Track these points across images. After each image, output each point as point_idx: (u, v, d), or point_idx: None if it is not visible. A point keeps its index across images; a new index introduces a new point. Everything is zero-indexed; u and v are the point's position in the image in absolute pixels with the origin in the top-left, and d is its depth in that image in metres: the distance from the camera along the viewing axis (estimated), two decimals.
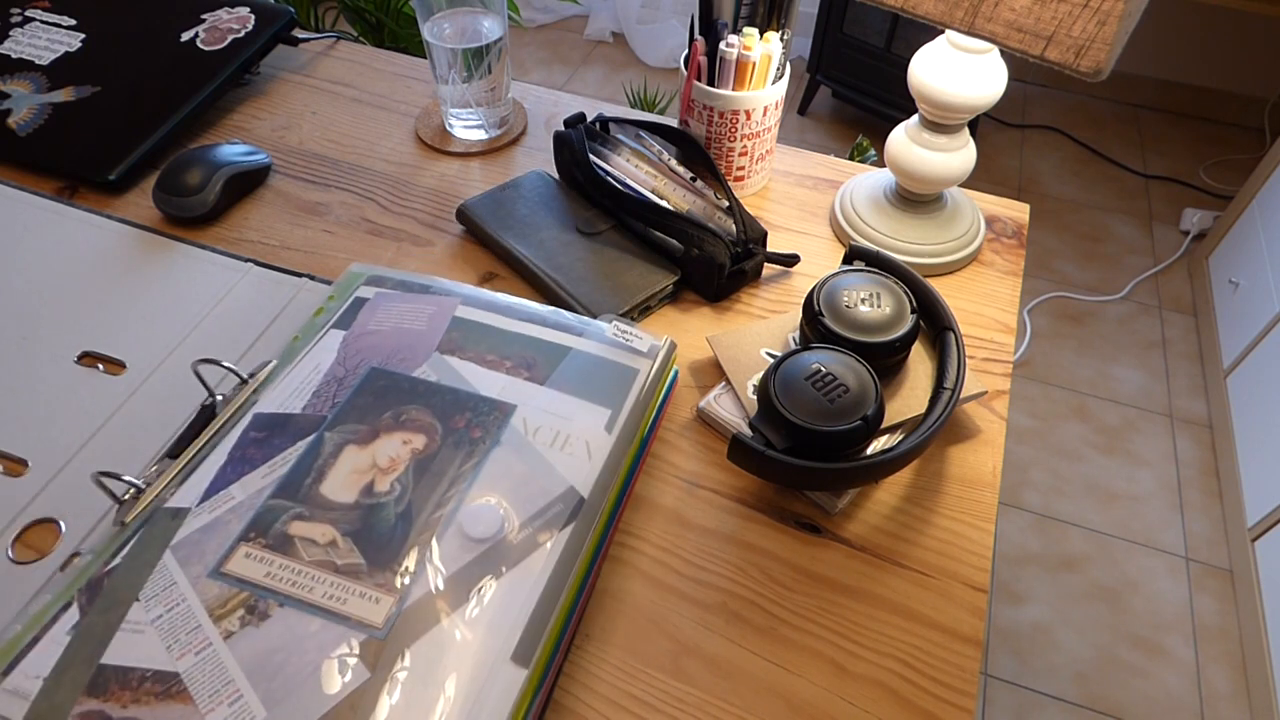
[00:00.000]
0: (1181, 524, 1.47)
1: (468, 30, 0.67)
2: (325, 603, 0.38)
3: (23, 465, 0.48)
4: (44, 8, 0.78)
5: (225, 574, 0.39)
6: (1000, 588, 1.38)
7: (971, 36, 0.46)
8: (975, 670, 0.42)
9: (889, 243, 0.62)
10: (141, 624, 0.38)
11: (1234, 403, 1.53)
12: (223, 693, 0.35)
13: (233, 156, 0.66)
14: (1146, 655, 1.30)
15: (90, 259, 0.60)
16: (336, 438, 0.45)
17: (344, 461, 0.43)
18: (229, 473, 0.43)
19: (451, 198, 0.68)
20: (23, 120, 0.69)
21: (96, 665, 0.36)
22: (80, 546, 0.44)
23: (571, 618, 0.41)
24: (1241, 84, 2.22)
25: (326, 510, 0.41)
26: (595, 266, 0.58)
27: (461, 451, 0.44)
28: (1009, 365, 0.57)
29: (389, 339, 0.50)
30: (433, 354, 0.49)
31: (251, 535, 0.41)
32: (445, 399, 0.46)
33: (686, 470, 0.50)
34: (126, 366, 0.53)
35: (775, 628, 0.43)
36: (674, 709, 0.40)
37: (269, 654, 0.36)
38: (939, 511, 0.49)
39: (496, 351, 0.49)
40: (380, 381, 0.47)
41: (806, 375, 0.46)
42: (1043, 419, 1.62)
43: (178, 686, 0.36)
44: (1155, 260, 1.92)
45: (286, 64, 0.81)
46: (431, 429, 0.45)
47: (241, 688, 0.36)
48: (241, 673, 0.36)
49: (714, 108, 0.63)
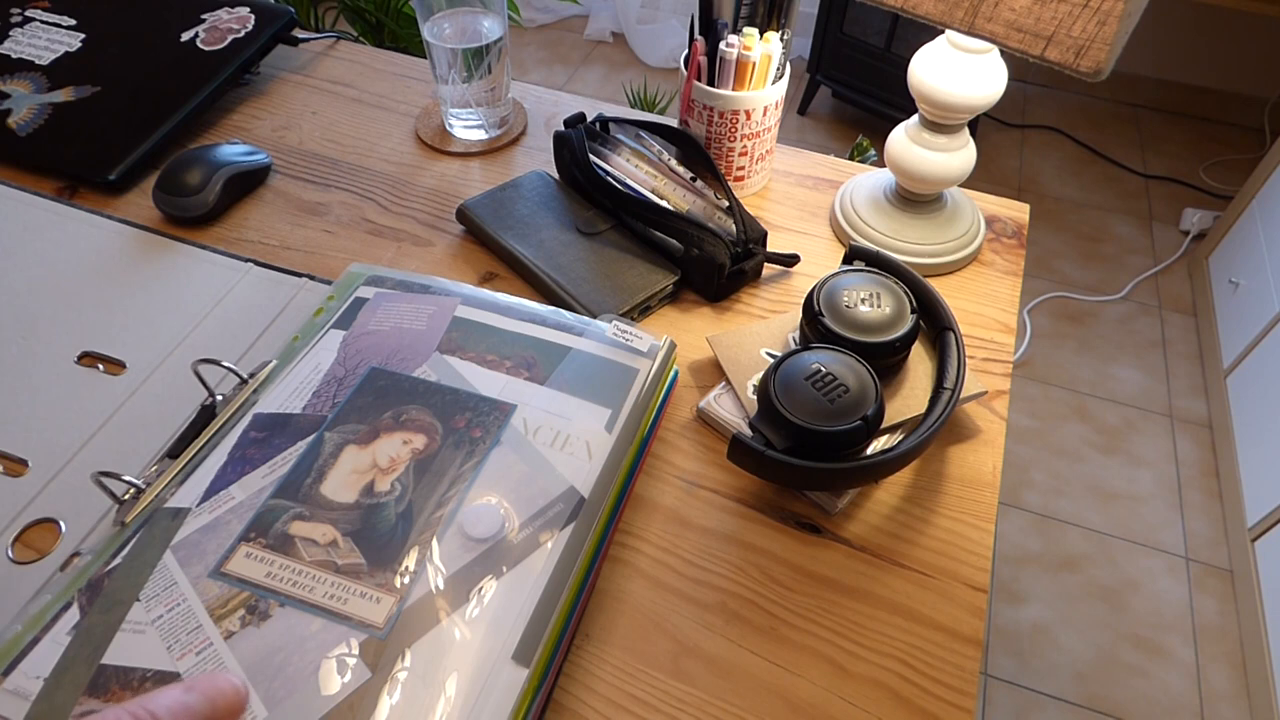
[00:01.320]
0: (1181, 524, 1.47)
1: (468, 30, 0.67)
2: (326, 603, 0.38)
3: (23, 465, 0.48)
4: (44, 8, 0.78)
5: (226, 574, 0.39)
6: (1000, 588, 1.38)
7: (971, 36, 0.46)
8: (975, 670, 0.42)
9: (889, 243, 0.62)
10: (142, 624, 0.38)
11: (1234, 403, 1.53)
12: None
13: (233, 156, 0.66)
14: (1146, 655, 1.30)
15: (90, 259, 0.60)
16: (337, 438, 0.45)
17: (344, 461, 0.43)
18: (229, 473, 0.43)
19: (451, 198, 0.68)
20: (23, 120, 0.69)
21: (97, 666, 0.36)
22: (80, 546, 0.44)
23: (572, 618, 0.41)
24: (1241, 84, 2.22)
25: (327, 510, 0.41)
26: (595, 266, 0.58)
27: (462, 451, 0.44)
28: (1009, 365, 0.57)
29: (389, 339, 0.50)
30: (433, 354, 0.49)
31: (252, 535, 0.41)
32: (445, 399, 0.46)
33: (686, 470, 0.50)
34: (126, 366, 0.53)
35: (775, 628, 0.43)
36: (674, 709, 0.40)
37: (270, 654, 0.36)
38: (939, 511, 0.49)
39: (496, 351, 0.49)
40: (380, 381, 0.47)
41: (806, 375, 0.46)
42: (1043, 419, 1.62)
43: None
44: (1155, 260, 1.93)
45: (286, 64, 0.81)
46: (432, 429, 0.45)
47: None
48: (242, 672, 0.36)
49: (714, 108, 0.63)
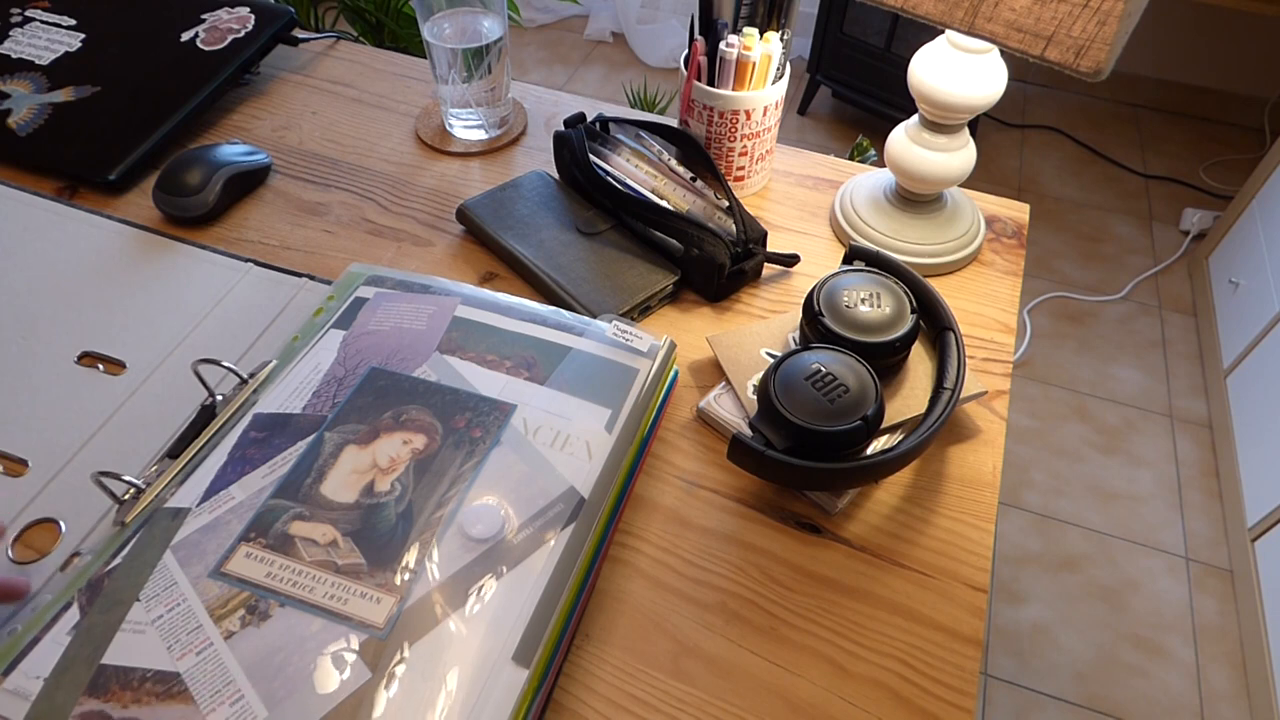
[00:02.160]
0: (1181, 524, 1.47)
1: (468, 30, 0.67)
2: (326, 603, 0.38)
3: (23, 465, 0.48)
4: (44, 8, 0.78)
5: (226, 574, 0.39)
6: (1000, 588, 1.38)
7: (971, 36, 0.46)
8: (975, 670, 0.42)
9: (889, 243, 0.62)
10: (142, 624, 0.38)
11: (1234, 403, 1.53)
12: (224, 693, 0.35)
13: (233, 156, 0.66)
14: (1146, 655, 1.30)
15: (90, 259, 0.60)
16: (336, 438, 0.45)
17: (344, 461, 0.43)
18: (229, 473, 0.43)
19: (451, 198, 0.68)
20: (23, 120, 0.69)
21: (97, 665, 0.36)
22: (80, 546, 0.44)
23: (572, 618, 0.41)
24: (1241, 84, 2.22)
25: (327, 510, 0.41)
26: (595, 266, 0.58)
27: (462, 451, 0.44)
28: (1009, 365, 0.57)
29: (389, 339, 0.50)
30: (433, 354, 0.49)
31: (252, 535, 0.41)
32: (445, 399, 0.46)
33: (686, 470, 0.50)
34: (126, 366, 0.53)
35: (775, 628, 0.43)
36: (674, 709, 0.40)
37: (270, 654, 0.36)
38: (939, 511, 0.49)
39: (496, 351, 0.49)
40: (380, 381, 0.47)
41: (806, 375, 0.46)
42: (1043, 419, 1.62)
43: (179, 686, 0.36)
44: (1155, 260, 1.92)
45: (286, 64, 0.81)
46: (432, 429, 0.45)
47: (242, 688, 0.36)
48: (242, 672, 0.36)
49: (714, 108, 0.63)
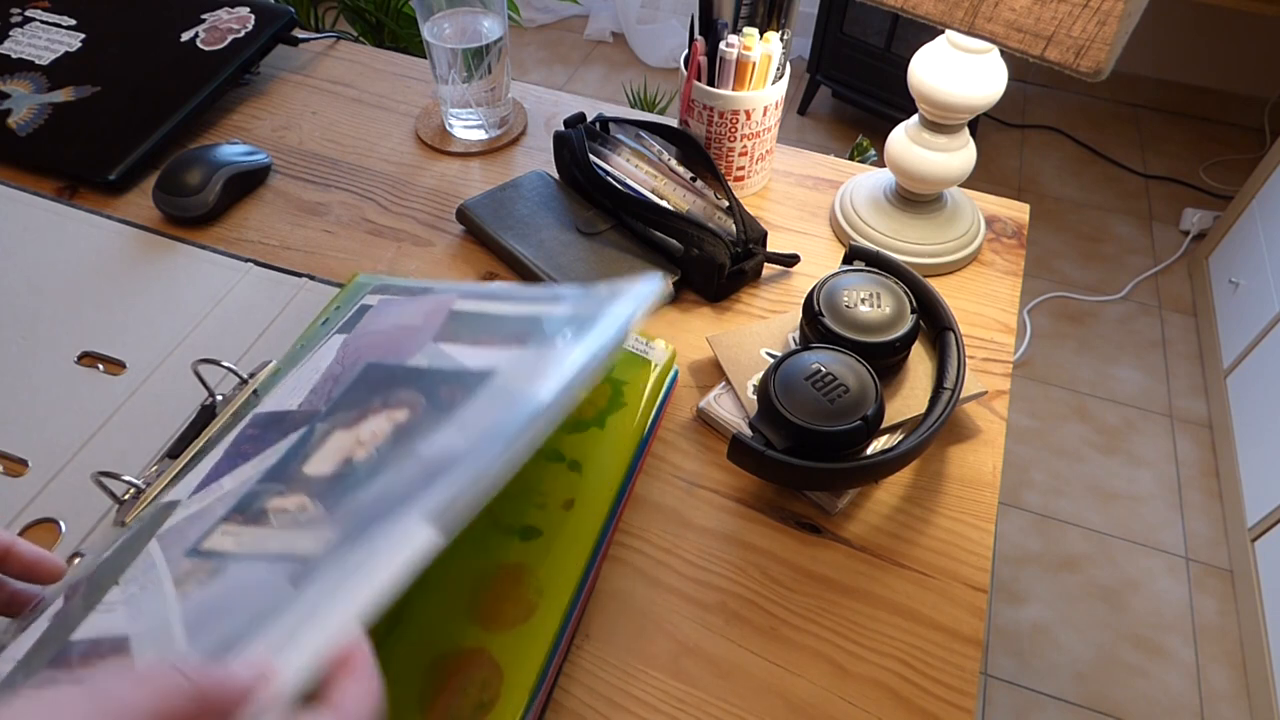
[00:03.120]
0: (1181, 524, 1.47)
1: (468, 30, 0.67)
2: (278, 550, 0.37)
3: (23, 465, 0.48)
4: (44, 8, 0.78)
5: (200, 550, 0.39)
6: (1000, 588, 1.37)
7: (971, 36, 0.46)
8: (975, 670, 0.42)
9: (889, 243, 0.62)
10: (115, 603, 0.37)
11: (1234, 403, 1.53)
12: (158, 638, 0.34)
13: (233, 156, 0.66)
14: (1146, 655, 1.30)
15: (90, 259, 0.60)
16: (326, 426, 0.44)
17: (330, 444, 0.43)
18: (223, 467, 0.43)
19: (451, 198, 0.68)
20: (23, 120, 0.69)
21: (65, 642, 0.36)
22: (80, 546, 0.44)
23: (571, 618, 0.41)
24: (1241, 84, 2.22)
25: (305, 484, 0.41)
26: (595, 266, 0.58)
27: (439, 412, 0.43)
28: (1009, 365, 0.57)
29: (386, 336, 0.50)
30: (428, 344, 0.49)
31: (233, 516, 0.40)
32: (434, 378, 0.46)
33: (686, 470, 0.50)
34: (126, 366, 0.53)
35: (775, 628, 0.43)
36: (674, 709, 0.40)
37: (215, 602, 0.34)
38: (939, 511, 0.49)
39: (490, 333, 0.49)
40: (374, 375, 0.47)
41: (806, 375, 0.46)
42: (1043, 419, 1.62)
43: (124, 646, 0.34)
44: (1155, 260, 1.92)
45: (286, 64, 0.81)
46: (415, 401, 0.44)
47: (175, 634, 0.33)
48: (180, 621, 0.34)
49: (714, 108, 0.63)
